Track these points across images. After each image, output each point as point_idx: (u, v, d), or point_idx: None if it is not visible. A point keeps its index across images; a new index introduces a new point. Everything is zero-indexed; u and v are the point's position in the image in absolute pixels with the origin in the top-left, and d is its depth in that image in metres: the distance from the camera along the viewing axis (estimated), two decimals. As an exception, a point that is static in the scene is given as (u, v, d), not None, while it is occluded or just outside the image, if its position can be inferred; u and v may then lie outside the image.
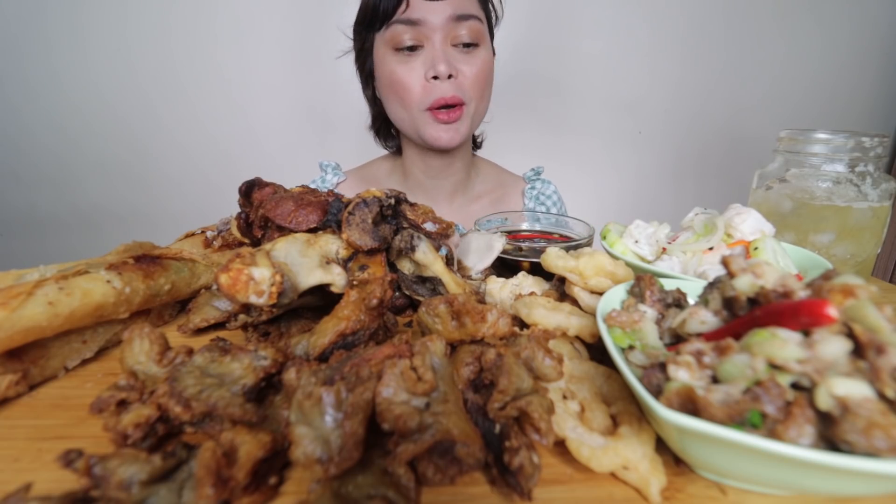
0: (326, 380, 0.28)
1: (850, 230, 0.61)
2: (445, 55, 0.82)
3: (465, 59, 0.84)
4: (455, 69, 0.83)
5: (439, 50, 0.81)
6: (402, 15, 0.79)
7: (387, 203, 0.49)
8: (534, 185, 1.06)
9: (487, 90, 0.91)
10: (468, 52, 0.85)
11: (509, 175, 1.12)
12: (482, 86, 0.87)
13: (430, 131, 0.87)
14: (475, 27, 0.83)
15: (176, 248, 0.53)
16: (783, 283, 0.29)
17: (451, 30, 0.82)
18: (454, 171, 1.00)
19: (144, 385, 0.33)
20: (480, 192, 1.06)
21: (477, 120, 0.92)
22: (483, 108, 0.93)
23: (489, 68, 0.88)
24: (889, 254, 1.80)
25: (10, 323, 0.34)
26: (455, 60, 0.83)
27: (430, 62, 0.82)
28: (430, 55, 0.82)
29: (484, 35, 0.86)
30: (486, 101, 0.93)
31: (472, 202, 1.04)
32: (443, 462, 0.25)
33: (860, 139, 0.61)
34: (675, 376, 0.26)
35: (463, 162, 1.00)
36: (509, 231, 0.71)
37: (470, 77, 0.85)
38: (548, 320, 0.39)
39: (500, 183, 1.08)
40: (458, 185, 1.02)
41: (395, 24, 0.81)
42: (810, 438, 0.23)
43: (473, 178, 1.06)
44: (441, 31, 0.81)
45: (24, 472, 0.29)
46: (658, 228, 0.56)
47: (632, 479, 0.28)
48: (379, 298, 0.37)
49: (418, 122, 0.87)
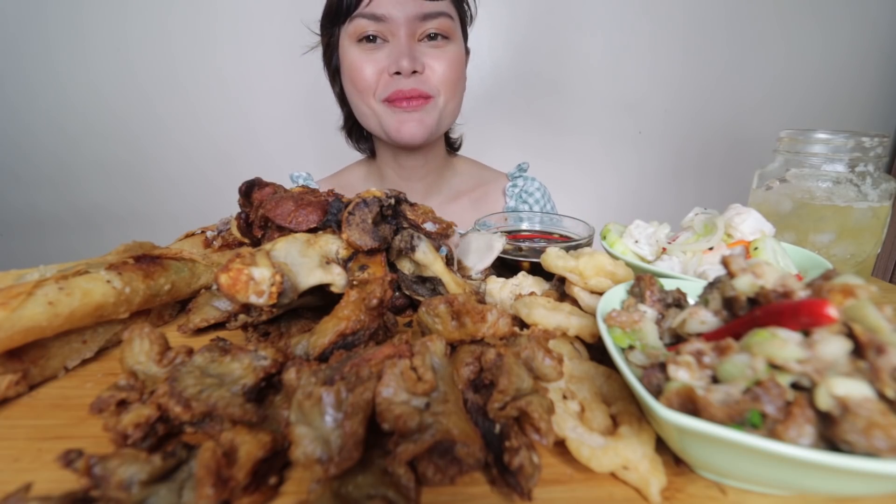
0: (326, 380, 0.28)
1: (850, 230, 0.61)
2: (411, 51, 0.78)
3: (434, 54, 0.81)
4: (421, 64, 0.79)
5: (404, 45, 0.78)
6: (366, 9, 0.76)
7: (387, 203, 0.49)
8: (515, 182, 1.03)
9: (459, 87, 0.87)
10: (437, 45, 0.81)
11: (491, 172, 1.08)
12: (452, 81, 0.83)
13: (392, 122, 0.83)
14: (444, 23, 0.80)
15: (176, 248, 0.53)
16: (783, 283, 0.29)
17: (417, 26, 0.78)
18: (427, 172, 0.97)
19: (144, 385, 0.33)
20: (459, 191, 1.03)
21: (447, 117, 0.88)
22: (454, 106, 0.88)
23: (460, 64, 0.85)
24: (889, 254, 1.80)
25: (10, 323, 0.34)
26: (422, 55, 0.80)
27: (393, 56, 0.78)
28: (395, 50, 0.78)
29: (455, 31, 0.82)
30: (458, 98, 0.88)
31: (450, 202, 1.01)
32: (443, 462, 0.25)
33: (860, 139, 0.61)
34: (675, 376, 0.26)
35: (436, 162, 0.97)
36: (509, 231, 0.71)
37: (439, 72, 0.81)
38: (548, 320, 0.39)
39: (481, 181, 1.05)
40: (431, 185, 0.99)
41: (359, 17, 0.78)
42: (810, 438, 0.23)
43: (450, 178, 1.03)
44: (406, 26, 0.77)
45: (24, 472, 0.29)
46: (658, 228, 0.56)
47: (632, 479, 0.28)
48: (379, 298, 0.37)
49: (380, 115, 0.83)
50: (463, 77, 0.88)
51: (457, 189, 1.03)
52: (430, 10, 0.78)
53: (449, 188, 1.02)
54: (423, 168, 0.96)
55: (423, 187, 0.99)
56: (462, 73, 0.87)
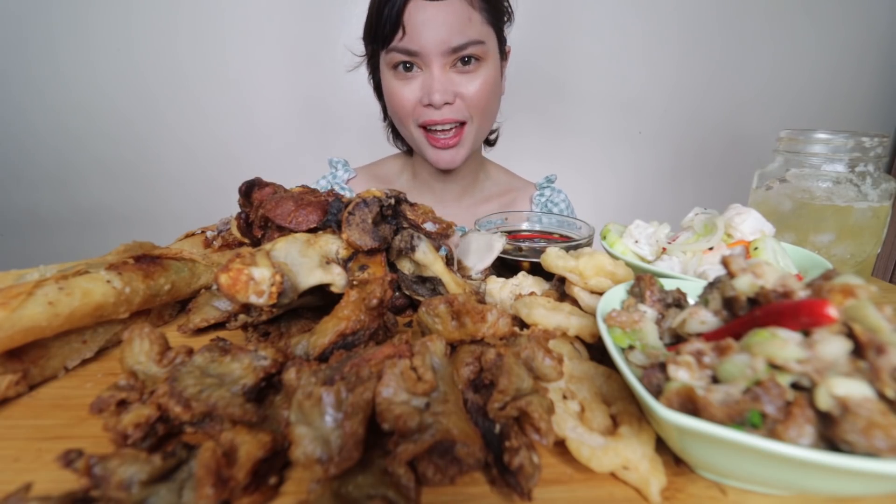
0: (326, 380, 0.28)
1: (850, 230, 0.61)
2: (442, 84, 0.81)
3: (466, 80, 0.83)
4: (452, 94, 0.82)
5: (436, 78, 0.80)
6: (400, 43, 0.79)
7: (387, 203, 0.49)
8: (543, 192, 1.07)
9: (493, 104, 0.90)
10: (469, 71, 0.83)
11: (520, 181, 1.12)
12: (485, 103, 0.86)
13: (430, 154, 0.88)
14: (477, 50, 0.82)
15: (176, 248, 0.53)
16: (783, 283, 0.29)
17: (449, 58, 0.81)
18: (463, 175, 1.01)
19: (144, 385, 0.33)
20: (489, 194, 1.06)
21: (481, 135, 0.92)
22: (488, 122, 0.92)
23: (493, 84, 0.87)
24: (889, 254, 1.79)
25: (10, 323, 0.34)
26: (454, 84, 0.82)
27: (426, 88, 0.81)
28: (428, 81, 0.81)
29: (487, 53, 0.84)
30: (492, 113, 0.92)
31: (481, 204, 1.05)
32: (443, 462, 0.25)
33: (860, 139, 0.61)
34: (675, 376, 0.26)
35: (471, 166, 1.01)
36: (509, 231, 0.71)
37: (470, 97, 0.84)
38: (548, 320, 0.39)
39: (510, 188, 1.09)
40: (466, 187, 1.03)
41: (393, 51, 0.81)
42: (810, 438, 0.23)
43: (483, 181, 1.07)
44: (439, 59, 0.80)
45: (24, 472, 0.29)
46: (658, 228, 0.56)
47: (632, 479, 0.28)
48: (379, 298, 0.37)
49: (417, 141, 0.88)
50: (496, 92, 0.90)
51: (488, 192, 1.07)
52: (462, 42, 0.79)
53: (481, 190, 1.06)
54: (459, 172, 0.99)
55: (459, 189, 1.03)
56: (497, 90, 0.90)
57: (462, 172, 1.00)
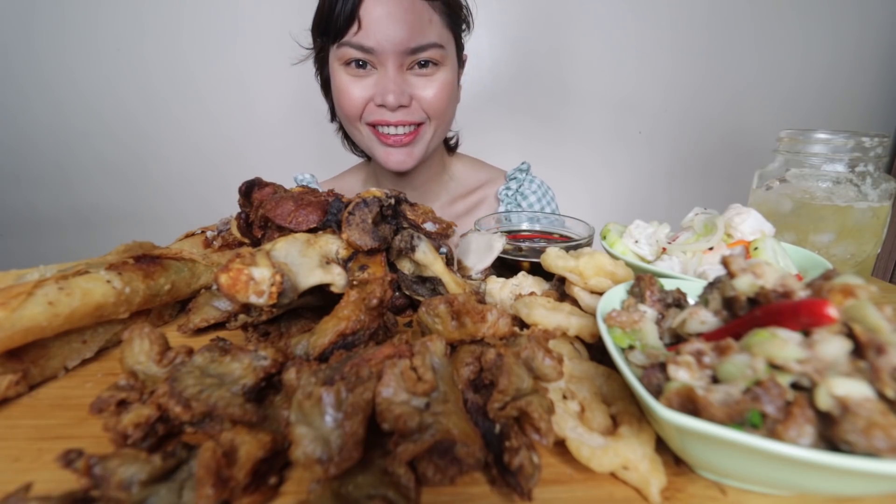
0: (326, 380, 0.28)
1: (850, 230, 0.61)
2: (398, 85, 0.76)
3: (423, 83, 0.79)
4: (408, 97, 0.78)
5: (391, 79, 0.76)
6: (354, 38, 0.74)
7: (387, 203, 0.49)
8: (509, 185, 1.01)
9: (449, 110, 0.86)
10: (426, 74, 0.79)
11: (488, 172, 1.06)
12: (442, 107, 0.82)
13: (380, 153, 0.83)
14: (434, 53, 0.78)
15: (176, 248, 0.53)
16: (783, 283, 0.29)
17: (406, 59, 0.77)
18: (423, 181, 0.97)
19: (144, 385, 0.33)
20: (454, 196, 1.02)
21: (437, 138, 0.88)
22: (444, 127, 0.88)
23: (450, 88, 0.83)
24: (889, 254, 1.79)
25: (10, 323, 0.34)
26: (410, 86, 0.78)
27: (381, 88, 0.77)
28: (382, 82, 0.77)
29: (445, 56, 0.80)
30: (448, 118, 0.88)
31: (446, 207, 1.00)
32: (443, 462, 0.25)
33: (860, 139, 0.61)
34: (675, 376, 0.26)
35: (432, 170, 0.97)
36: (509, 231, 0.71)
37: (428, 101, 0.80)
38: (548, 320, 0.39)
39: (478, 184, 1.04)
40: (428, 192, 0.99)
41: (346, 46, 0.76)
42: (810, 438, 0.23)
43: (447, 182, 1.02)
44: (395, 59, 0.76)
45: (24, 472, 0.29)
46: (658, 228, 0.56)
47: (632, 479, 0.28)
48: (379, 298, 0.37)
49: (366, 140, 0.84)
50: (453, 98, 0.87)
51: (454, 193, 1.02)
52: (420, 44, 0.76)
53: (447, 192, 1.02)
54: (420, 177, 0.96)
55: (419, 195, 0.98)
56: (452, 95, 0.86)
57: (423, 177, 0.96)
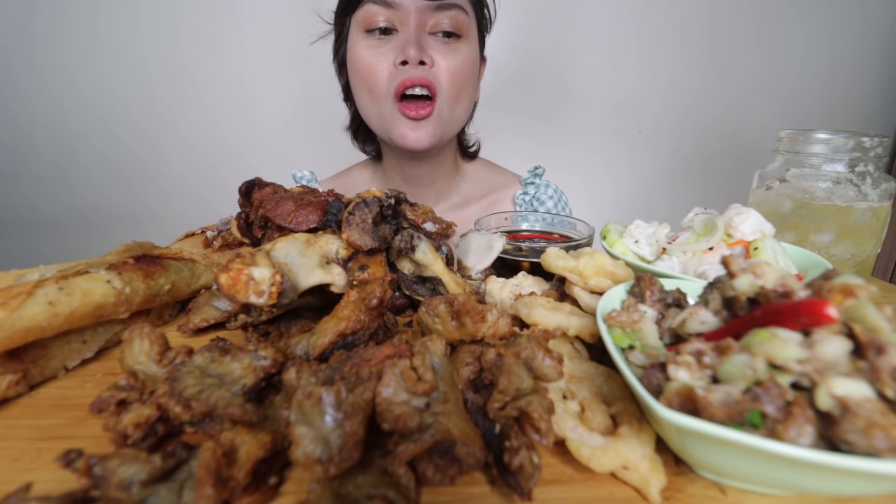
0: (326, 380, 0.28)
1: (850, 230, 0.61)
2: (419, 39, 0.74)
3: (443, 51, 0.76)
4: (429, 57, 0.75)
5: (412, 34, 0.74)
6: None
7: (387, 203, 0.49)
8: (527, 190, 0.99)
9: (468, 90, 0.82)
10: (448, 42, 0.77)
11: (504, 177, 1.04)
12: (459, 84, 0.78)
13: (398, 129, 0.79)
14: (458, 17, 0.76)
15: (176, 248, 0.53)
16: (783, 283, 0.29)
17: (428, 17, 0.75)
18: (435, 179, 0.94)
19: (144, 385, 0.33)
20: (468, 197, 0.99)
21: (453, 125, 0.83)
22: (460, 113, 0.83)
23: (472, 67, 0.80)
24: (889, 254, 1.79)
25: (10, 323, 0.34)
26: (430, 48, 0.76)
27: (400, 45, 0.74)
28: (402, 39, 0.75)
29: (468, 29, 0.78)
30: (465, 104, 0.83)
31: (458, 209, 0.98)
32: (443, 462, 0.25)
33: (860, 139, 0.61)
34: (675, 376, 0.26)
35: (444, 169, 0.94)
36: (509, 231, 0.71)
37: (446, 69, 0.76)
38: (548, 320, 0.39)
39: (492, 188, 1.02)
40: (440, 192, 0.96)
41: (369, 3, 0.75)
42: (810, 438, 0.23)
43: (460, 184, 0.99)
44: (416, 16, 0.74)
45: (24, 472, 0.29)
46: (658, 228, 0.56)
47: (632, 479, 0.28)
48: (379, 298, 0.37)
49: (387, 117, 0.80)
50: (474, 82, 0.84)
51: (466, 195, 0.99)
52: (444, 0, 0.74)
53: (458, 194, 0.99)
54: (430, 176, 0.93)
55: (432, 194, 0.96)
56: (473, 76, 0.83)
57: (434, 177, 0.93)
